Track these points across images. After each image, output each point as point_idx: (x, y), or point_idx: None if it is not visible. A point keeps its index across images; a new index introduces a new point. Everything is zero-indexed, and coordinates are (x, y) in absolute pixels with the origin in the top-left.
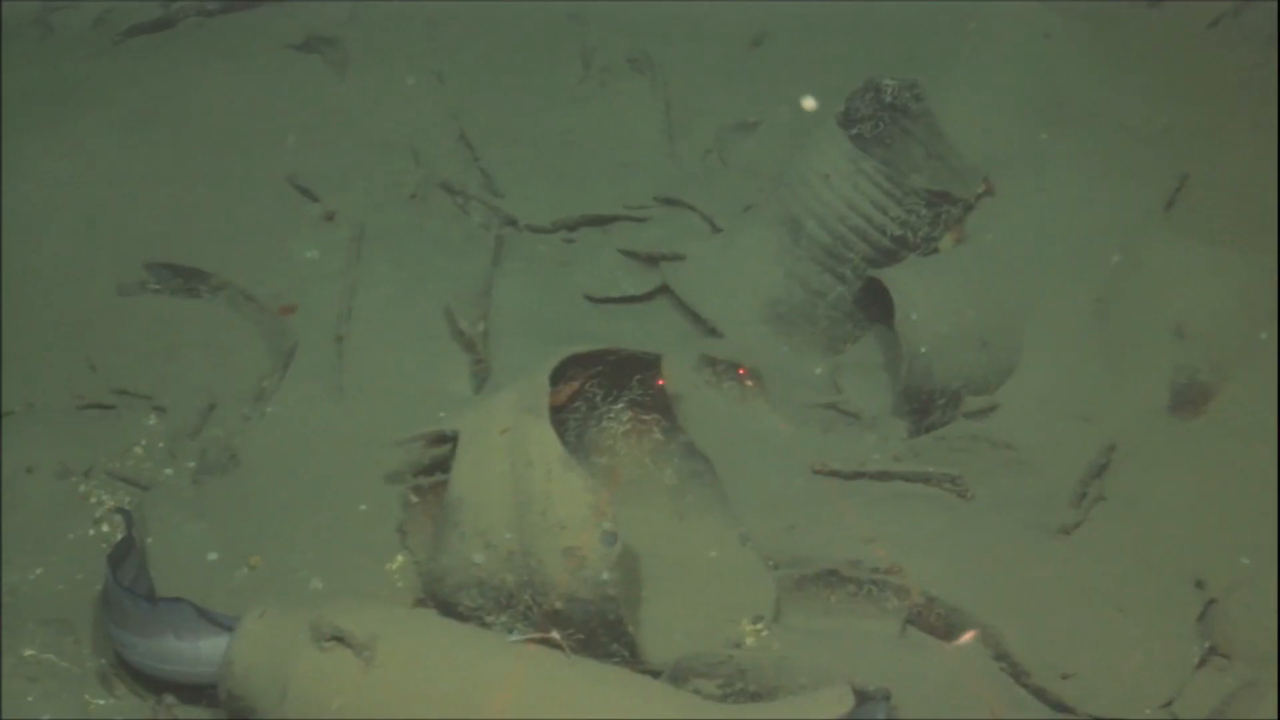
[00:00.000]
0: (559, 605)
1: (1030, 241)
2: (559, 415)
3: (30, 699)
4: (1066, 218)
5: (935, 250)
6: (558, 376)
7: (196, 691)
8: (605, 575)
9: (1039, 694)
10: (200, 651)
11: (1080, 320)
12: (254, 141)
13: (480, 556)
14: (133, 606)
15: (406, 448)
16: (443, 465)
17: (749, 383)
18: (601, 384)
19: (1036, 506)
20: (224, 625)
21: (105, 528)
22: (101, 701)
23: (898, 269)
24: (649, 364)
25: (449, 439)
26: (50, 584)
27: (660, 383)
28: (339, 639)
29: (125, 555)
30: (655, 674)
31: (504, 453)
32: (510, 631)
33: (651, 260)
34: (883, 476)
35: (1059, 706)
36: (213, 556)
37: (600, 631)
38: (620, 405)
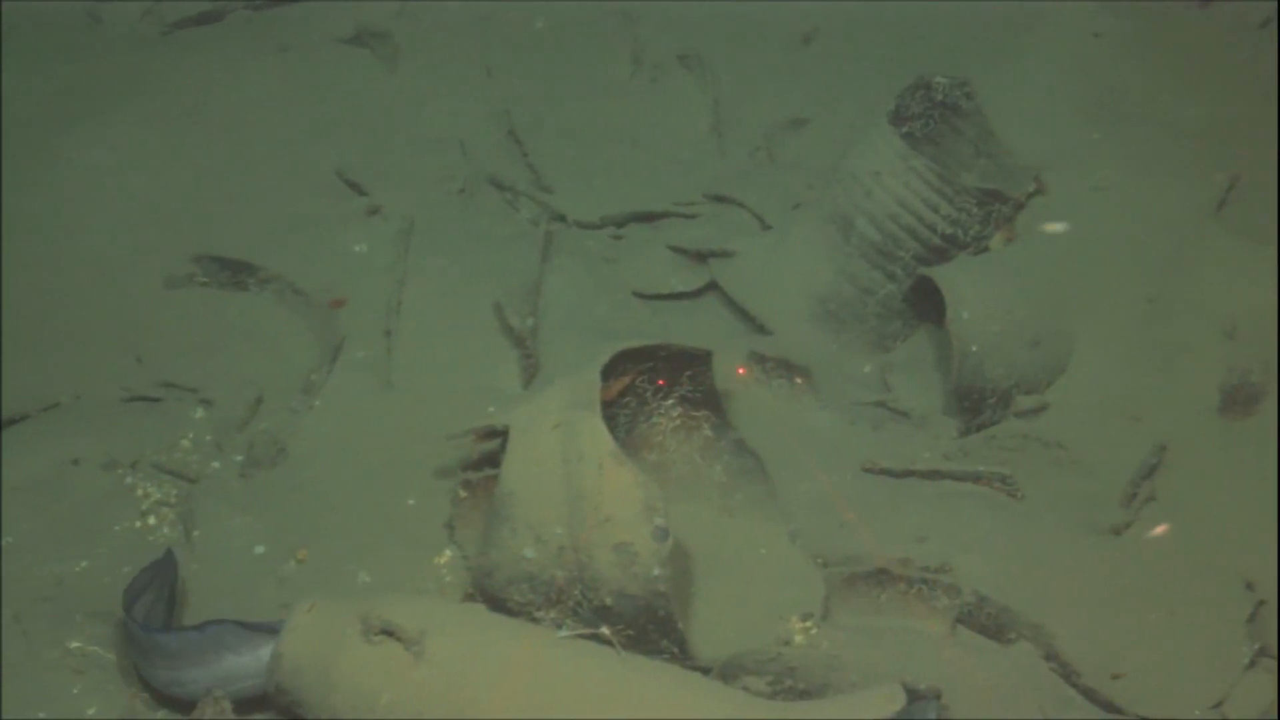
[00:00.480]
0: (609, 601)
1: (1081, 241)
2: (609, 411)
3: (75, 691)
4: (1118, 217)
5: (986, 249)
6: (608, 372)
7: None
8: (656, 571)
9: (1089, 694)
10: (264, 660)
11: (1131, 320)
12: (302, 135)
13: (530, 551)
14: (179, 641)
15: (456, 442)
16: (492, 460)
17: (798, 380)
18: (652, 380)
19: (1087, 507)
20: (275, 630)
21: (152, 520)
22: (147, 694)
23: (949, 267)
24: (699, 360)
25: (499, 434)
26: (97, 576)
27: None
28: (388, 632)
29: (141, 593)
30: (704, 671)
31: (555, 447)
32: (559, 627)
33: (700, 257)
34: (933, 475)
35: (1109, 707)
36: (260, 550)
37: (650, 628)
38: (670, 401)
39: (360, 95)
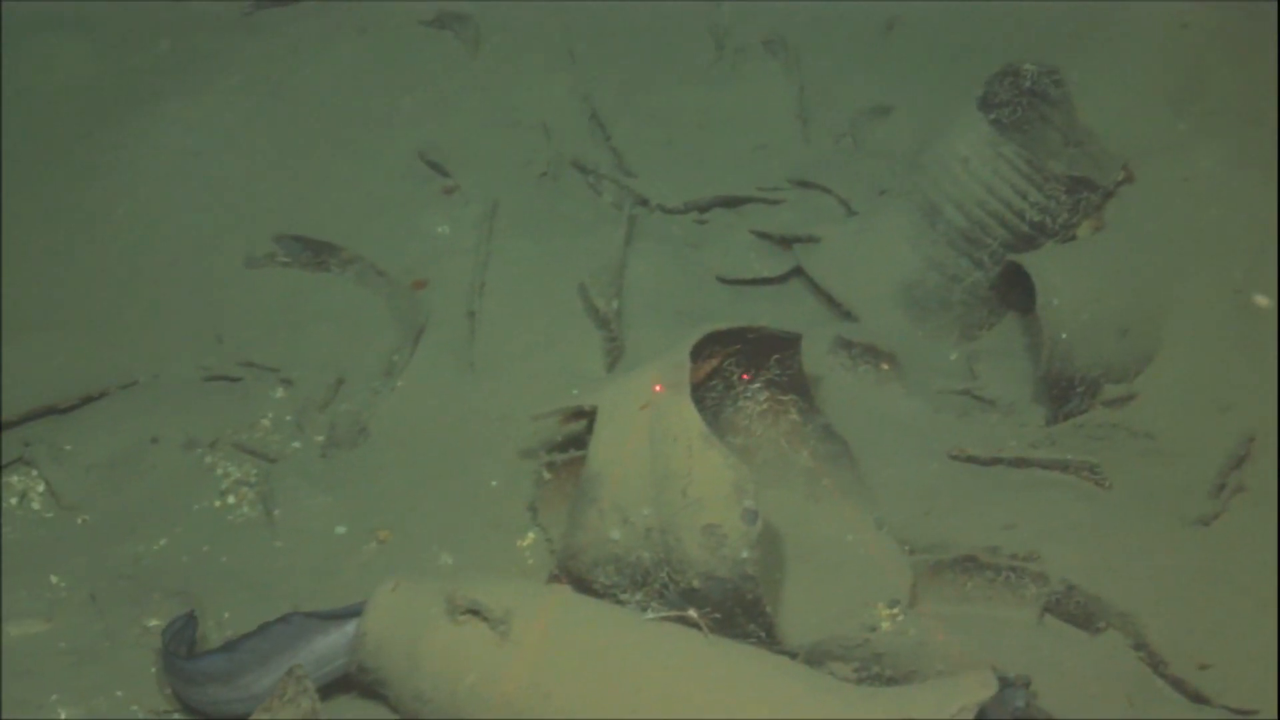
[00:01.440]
0: (696, 583)
1: (1170, 230)
2: (695, 394)
3: (154, 669)
4: (1206, 208)
5: (1073, 237)
6: (696, 354)
7: None
8: (745, 554)
9: (1177, 684)
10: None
11: (1219, 310)
12: (384, 116)
13: (617, 533)
14: (249, 645)
15: (540, 424)
16: (577, 442)
17: (884, 366)
18: (739, 363)
19: (1175, 497)
20: (346, 614)
21: (231, 499)
22: None
23: (1039, 254)
24: (787, 344)
25: (585, 414)
26: (175, 555)
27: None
28: (474, 612)
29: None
30: (791, 656)
31: (644, 428)
32: (645, 610)
33: (785, 242)
34: (1020, 463)
35: (1196, 697)
36: (341, 530)
37: (737, 611)
38: (757, 385)
39: (442, 77)
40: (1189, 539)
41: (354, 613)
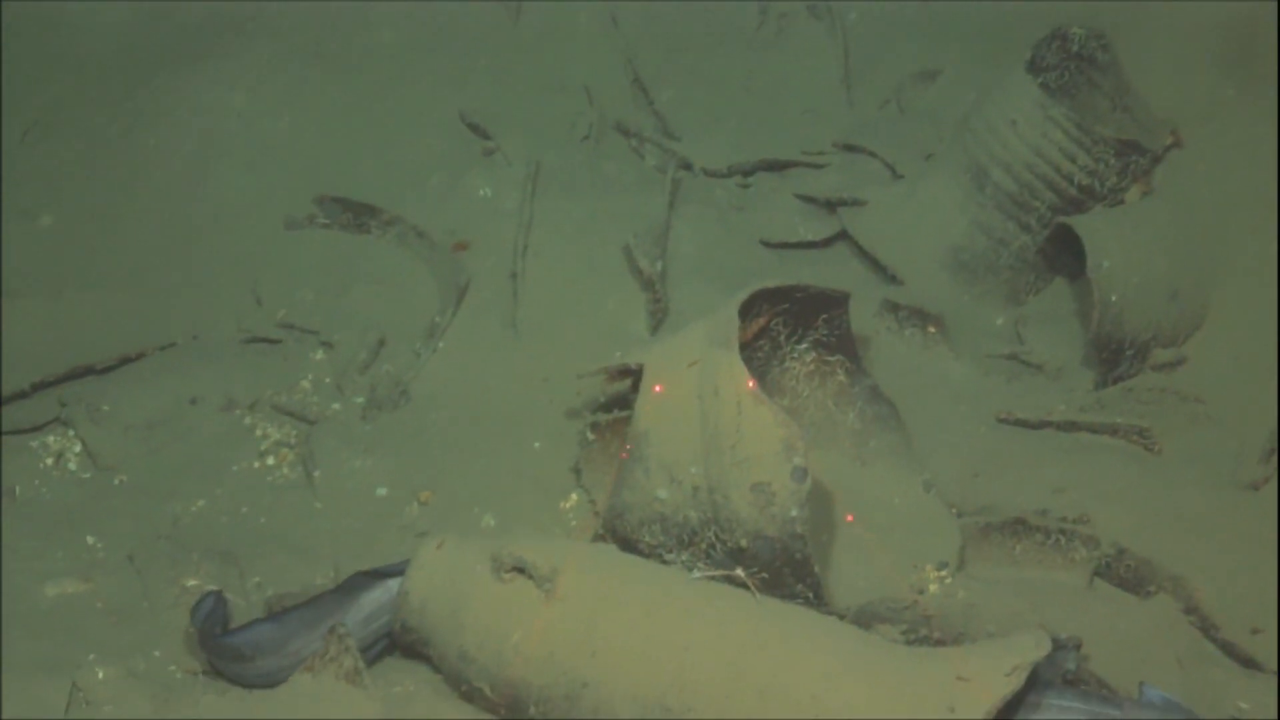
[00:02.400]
0: (744, 543)
1: (1219, 195)
2: (743, 353)
3: (191, 630)
4: (1255, 173)
5: (1121, 201)
6: (744, 313)
7: None
8: (794, 512)
9: (1227, 649)
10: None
11: (1269, 275)
12: (426, 79)
13: (664, 492)
14: (297, 613)
15: (584, 385)
16: (622, 402)
17: (930, 329)
18: (786, 323)
19: (1225, 461)
20: (393, 571)
21: (271, 460)
22: None
23: (1089, 217)
24: (835, 303)
25: (631, 373)
26: (214, 516)
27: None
28: (520, 570)
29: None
30: (839, 617)
31: (692, 386)
32: (691, 570)
33: (830, 206)
34: (1069, 427)
35: (1247, 662)
36: (382, 492)
37: (785, 571)
38: (804, 345)
39: (484, 41)
40: (1239, 503)
41: (400, 570)
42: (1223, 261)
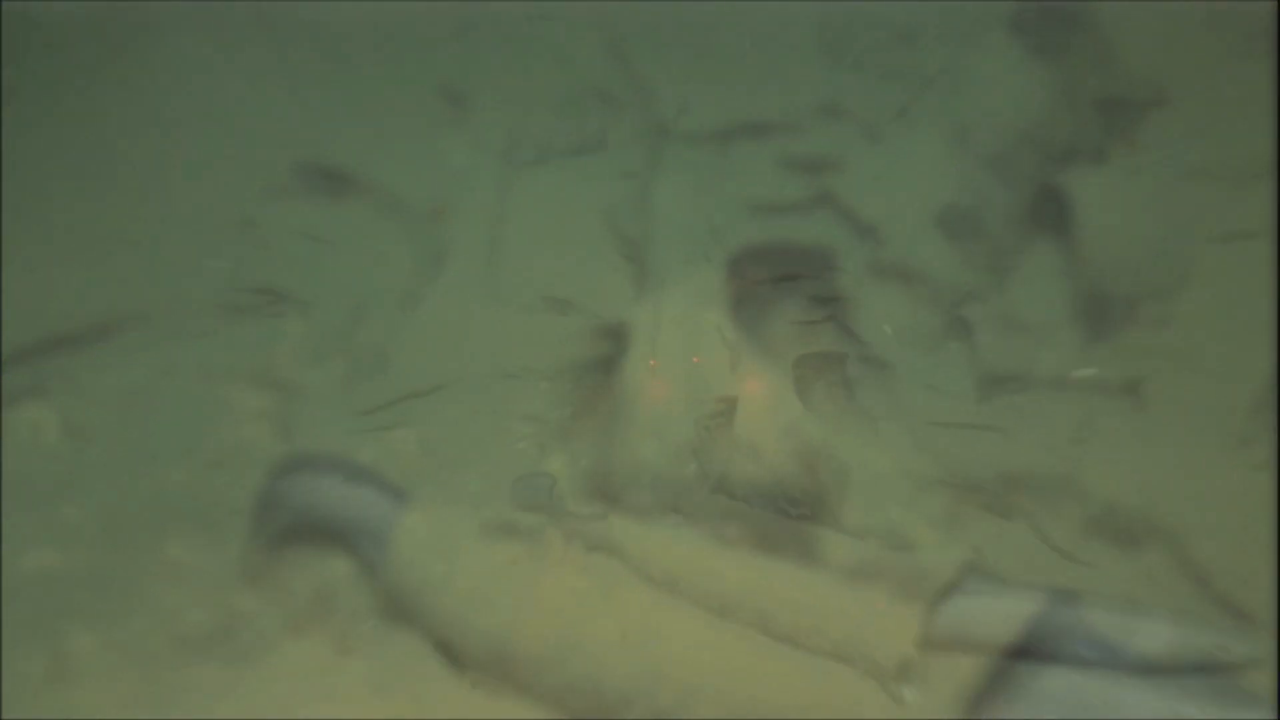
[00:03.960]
0: (735, 498)
1: (1205, 153)
2: (729, 312)
3: (173, 598)
4: (1242, 128)
5: (1106, 159)
6: (731, 272)
7: None
8: (786, 468)
9: (1220, 601)
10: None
11: (1255, 233)
12: (403, 45)
13: (652, 451)
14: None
15: (568, 346)
16: (607, 365)
17: (916, 288)
18: (773, 281)
19: (1216, 416)
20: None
21: (249, 429)
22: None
23: (1073, 175)
24: (821, 261)
25: (618, 333)
26: (194, 486)
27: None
28: (507, 532)
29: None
30: (832, 574)
31: (679, 344)
32: (681, 528)
33: (811, 168)
34: (1057, 384)
35: (1240, 614)
36: (363, 459)
37: (775, 528)
38: (790, 303)
39: (460, 8)
40: (1229, 458)
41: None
42: (1210, 217)
